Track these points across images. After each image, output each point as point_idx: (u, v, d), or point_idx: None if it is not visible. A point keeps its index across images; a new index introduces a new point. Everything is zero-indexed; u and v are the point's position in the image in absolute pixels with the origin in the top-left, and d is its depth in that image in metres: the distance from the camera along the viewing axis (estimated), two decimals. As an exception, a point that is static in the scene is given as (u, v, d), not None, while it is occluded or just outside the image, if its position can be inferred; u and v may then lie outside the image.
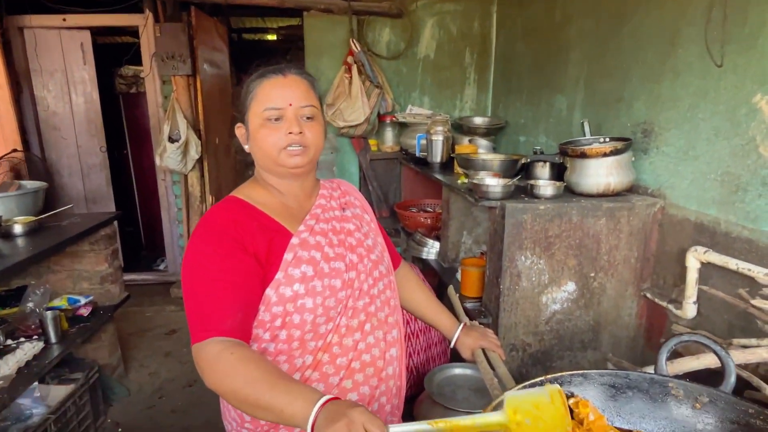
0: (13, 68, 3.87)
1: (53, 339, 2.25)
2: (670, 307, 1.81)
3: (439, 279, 2.96)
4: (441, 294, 2.68)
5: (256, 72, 1.12)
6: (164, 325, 3.77)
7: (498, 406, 0.83)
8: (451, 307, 1.53)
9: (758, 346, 1.04)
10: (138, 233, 5.51)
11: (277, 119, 1.06)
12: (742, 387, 1.07)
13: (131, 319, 3.80)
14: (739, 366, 1.20)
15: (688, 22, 1.72)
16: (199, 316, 0.93)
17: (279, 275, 1.01)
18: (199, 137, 3.77)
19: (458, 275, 2.49)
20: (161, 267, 4.89)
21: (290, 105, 1.06)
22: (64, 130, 4.25)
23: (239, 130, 1.16)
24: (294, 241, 1.05)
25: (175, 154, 3.66)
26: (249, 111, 1.09)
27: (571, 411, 0.86)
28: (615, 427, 0.86)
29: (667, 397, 0.85)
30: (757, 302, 1.18)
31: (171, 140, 3.66)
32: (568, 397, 0.89)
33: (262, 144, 1.07)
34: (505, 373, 1.17)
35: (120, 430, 2.57)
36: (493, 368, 1.21)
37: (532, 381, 0.89)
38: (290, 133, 1.05)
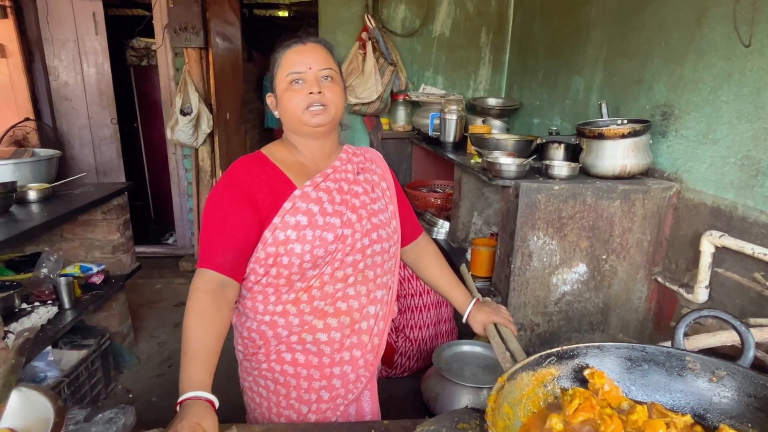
0: (26, 36, 3.85)
1: (67, 305, 2.28)
2: (681, 291, 1.81)
3: (448, 259, 2.97)
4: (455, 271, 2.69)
5: (281, 45, 1.23)
6: (173, 298, 3.82)
7: (510, 378, 0.83)
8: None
9: (776, 326, 1.05)
10: (147, 207, 5.54)
11: (298, 81, 1.17)
12: (757, 367, 1.07)
13: (140, 291, 3.84)
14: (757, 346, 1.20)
15: (716, 1, 1.69)
16: (202, 248, 1.14)
17: (276, 220, 1.15)
18: (211, 111, 3.76)
19: (468, 255, 2.49)
20: (170, 241, 4.93)
21: (310, 69, 1.17)
22: (76, 100, 4.25)
23: (270, 99, 1.27)
24: (296, 193, 1.18)
25: (186, 128, 3.65)
26: (276, 78, 1.21)
27: (587, 381, 0.87)
28: (630, 399, 0.86)
29: (683, 371, 0.85)
30: (774, 285, 1.18)
31: (183, 113, 3.65)
32: (583, 368, 0.89)
33: (288, 105, 1.18)
34: (517, 348, 1.17)
35: (131, 395, 2.62)
36: (505, 343, 1.22)
37: (547, 352, 0.90)
38: (311, 93, 1.15)
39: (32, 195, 2.30)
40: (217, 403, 1.03)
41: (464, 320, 1.39)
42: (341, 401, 1.30)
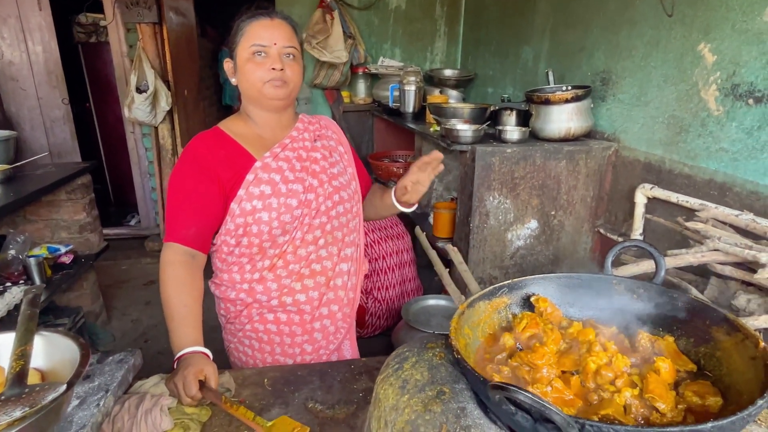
0: (-38, 13, 3.66)
1: (39, 284, 2.30)
2: (620, 239, 2.02)
3: (412, 223, 3.12)
4: (413, 236, 2.85)
5: (246, 13, 1.26)
6: (141, 277, 3.83)
7: (469, 306, 0.98)
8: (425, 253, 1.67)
9: (686, 253, 1.24)
10: (105, 190, 5.41)
11: (261, 54, 1.21)
12: (670, 286, 1.28)
13: (107, 272, 3.82)
14: (671, 272, 1.41)
15: (645, -26, 1.85)
16: (168, 223, 1.22)
17: (241, 192, 1.22)
18: (169, 88, 3.71)
19: (430, 219, 2.65)
20: (132, 223, 4.86)
21: (275, 44, 1.21)
22: (23, 80, 4.08)
23: (227, 64, 1.29)
24: (257, 164, 1.24)
25: (144, 105, 3.60)
26: (238, 46, 1.24)
27: (534, 306, 1.03)
28: (568, 318, 1.03)
29: (610, 292, 1.03)
30: (690, 224, 1.38)
31: (139, 91, 3.59)
32: (530, 296, 1.06)
33: (249, 76, 1.22)
34: (475, 289, 1.33)
35: (109, 371, 2.67)
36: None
37: (500, 284, 1.06)
38: (273, 68, 1.20)
39: (-7, 177, 2.28)
40: (211, 356, 1.15)
41: (394, 201, 1.38)
42: (323, 351, 1.42)
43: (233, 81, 1.29)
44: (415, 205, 1.42)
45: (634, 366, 0.88)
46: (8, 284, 2.25)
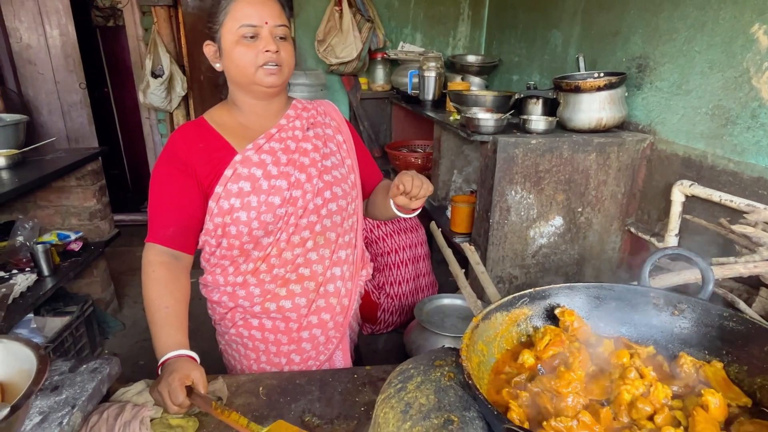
0: (-19, -5, 3.65)
1: (46, 272, 2.26)
2: (653, 240, 1.87)
3: (429, 217, 3.00)
4: (429, 231, 2.73)
5: None
6: (155, 264, 3.79)
7: (484, 318, 0.86)
8: (437, 247, 1.56)
9: (735, 262, 1.10)
10: (123, 175, 5.42)
11: (252, 36, 1.07)
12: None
13: (121, 258, 3.81)
14: (717, 283, 1.26)
15: (691, -52, 1.67)
16: (149, 222, 1.14)
17: (218, 189, 1.11)
18: (184, 73, 3.65)
19: (448, 213, 2.52)
20: (149, 208, 4.85)
21: (266, 23, 1.07)
22: (41, 64, 4.07)
23: (208, 48, 1.15)
24: (237, 158, 1.12)
25: (158, 91, 3.55)
26: (222, 27, 1.09)
27: (558, 319, 0.91)
28: (597, 334, 0.91)
29: (647, 306, 0.90)
30: (737, 227, 1.23)
31: (154, 75, 3.54)
32: (554, 308, 0.93)
33: (239, 62, 1.09)
34: (493, 293, 1.21)
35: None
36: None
37: (520, 293, 0.94)
38: (267, 51, 1.07)
39: (0, 161, 2.24)
40: (198, 359, 1.05)
41: (392, 205, 1.22)
42: (313, 362, 1.30)
43: (217, 67, 1.16)
44: (417, 211, 1.24)
45: (675, 397, 0.76)
46: (15, 271, 2.22)
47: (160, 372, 1.00)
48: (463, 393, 0.78)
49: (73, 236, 2.59)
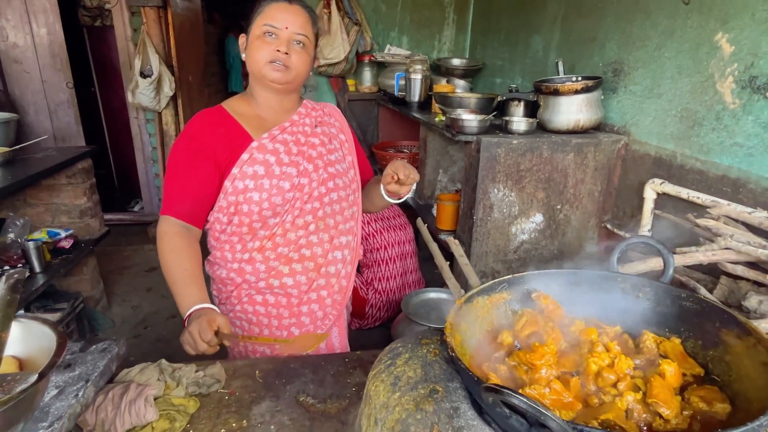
0: (-33, -6, 3.63)
1: (37, 268, 2.29)
2: (627, 235, 1.97)
3: (415, 215, 3.08)
4: (416, 228, 2.81)
5: None
6: (143, 263, 3.82)
7: (467, 301, 0.94)
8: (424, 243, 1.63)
9: (696, 251, 1.19)
10: (110, 175, 5.40)
11: (271, 35, 1.22)
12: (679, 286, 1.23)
13: (110, 258, 3.82)
14: (681, 271, 1.36)
15: (661, -40, 1.78)
16: (164, 196, 1.25)
17: (235, 170, 1.23)
18: (173, 74, 3.68)
19: (434, 211, 2.60)
20: (136, 209, 4.86)
21: (287, 28, 1.22)
22: (27, 63, 4.06)
23: (241, 38, 1.31)
24: (253, 144, 1.25)
25: (147, 90, 3.57)
26: (253, 24, 1.26)
27: (535, 303, 0.99)
28: (570, 316, 0.99)
29: (615, 289, 0.98)
30: (701, 221, 1.32)
31: (143, 75, 3.56)
32: (532, 293, 1.02)
33: (254, 54, 1.24)
34: (476, 283, 1.29)
35: (107, 356, 2.66)
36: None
37: (499, 279, 1.01)
38: (278, 50, 1.21)
39: (-8, 159, 2.26)
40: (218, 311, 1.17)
41: (382, 190, 1.37)
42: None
43: (243, 56, 1.30)
44: (405, 196, 1.39)
45: (638, 368, 0.84)
46: (6, 267, 2.24)
47: (186, 324, 1.11)
48: (447, 366, 0.85)
49: (63, 234, 2.61)
